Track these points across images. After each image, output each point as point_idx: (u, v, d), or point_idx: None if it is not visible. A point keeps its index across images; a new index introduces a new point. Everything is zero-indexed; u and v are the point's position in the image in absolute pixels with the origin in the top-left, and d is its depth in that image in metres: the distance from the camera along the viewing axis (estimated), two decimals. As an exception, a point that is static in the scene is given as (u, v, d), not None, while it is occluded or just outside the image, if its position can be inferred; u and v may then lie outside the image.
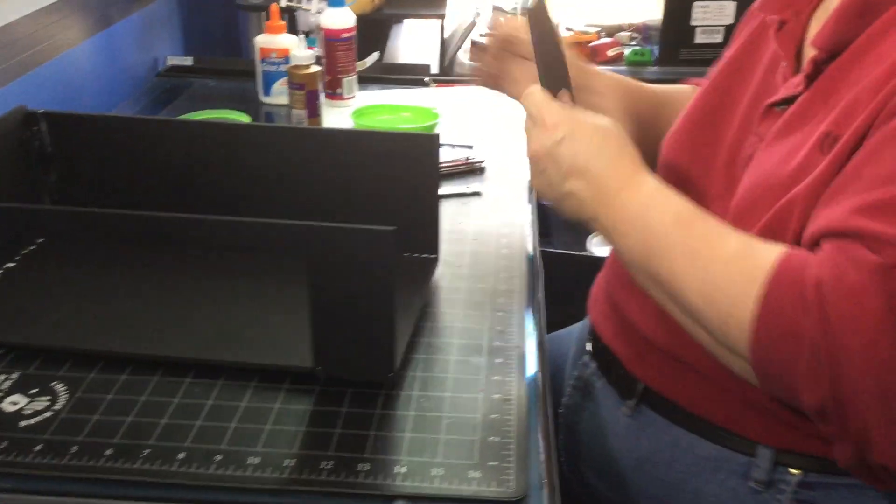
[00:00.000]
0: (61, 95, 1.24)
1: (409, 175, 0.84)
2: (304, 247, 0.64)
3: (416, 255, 0.88)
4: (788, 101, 0.73)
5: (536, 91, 0.77)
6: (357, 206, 0.86)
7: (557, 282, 1.92)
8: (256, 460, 0.62)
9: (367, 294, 0.65)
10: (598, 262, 0.98)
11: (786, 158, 0.70)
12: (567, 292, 1.55)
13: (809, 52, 0.75)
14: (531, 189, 1.10)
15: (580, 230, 2.06)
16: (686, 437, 0.79)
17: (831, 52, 0.69)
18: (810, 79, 0.71)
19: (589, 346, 0.92)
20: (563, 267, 1.95)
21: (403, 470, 0.61)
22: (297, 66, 1.17)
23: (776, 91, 0.76)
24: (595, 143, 0.73)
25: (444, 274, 0.88)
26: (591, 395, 0.89)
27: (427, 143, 0.83)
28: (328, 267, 0.64)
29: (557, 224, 2.30)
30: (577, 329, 1.03)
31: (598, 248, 1.95)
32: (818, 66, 0.70)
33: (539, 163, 0.74)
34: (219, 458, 0.62)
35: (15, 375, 0.70)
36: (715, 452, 0.77)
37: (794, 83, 0.73)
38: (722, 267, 0.64)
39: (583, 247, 2.00)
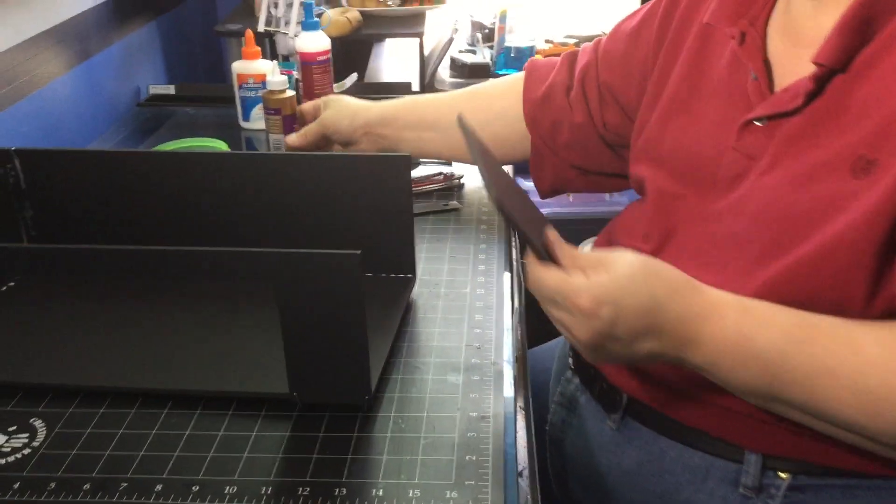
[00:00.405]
0: (42, 130, 1.25)
1: (382, 196, 0.85)
2: (272, 274, 0.64)
3: (393, 274, 0.88)
4: (776, 116, 0.72)
5: (542, 273, 0.67)
6: (332, 229, 0.87)
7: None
8: (233, 489, 0.62)
9: (338, 318, 0.66)
10: None
11: (802, 183, 0.68)
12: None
13: (782, 65, 0.74)
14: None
15: (574, 239, 2.07)
16: (673, 448, 0.79)
17: (835, 68, 0.68)
18: (812, 95, 0.69)
19: (571, 362, 0.92)
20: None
21: (381, 493, 0.62)
22: (271, 91, 1.18)
23: (750, 105, 0.75)
24: (646, 298, 0.65)
25: (421, 293, 0.89)
26: (575, 411, 0.89)
27: (399, 164, 0.84)
28: (297, 293, 0.65)
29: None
30: (559, 344, 1.03)
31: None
32: (820, 82, 0.69)
33: (598, 348, 0.66)
34: (196, 488, 0.62)
35: (-7, 414, 0.70)
36: (703, 461, 0.77)
37: (785, 99, 0.71)
38: (875, 377, 0.62)
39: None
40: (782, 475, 0.74)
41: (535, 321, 1.26)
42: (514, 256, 1.03)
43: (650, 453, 0.80)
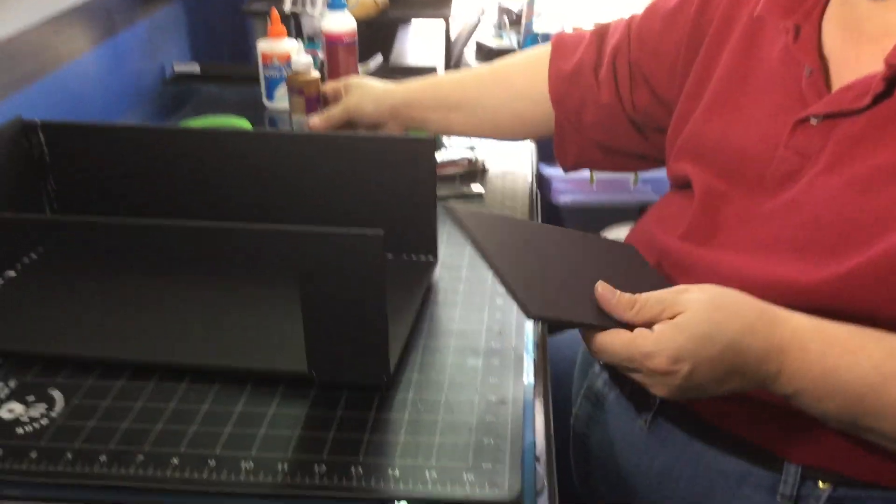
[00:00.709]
0: (67, 106, 1.25)
1: (406, 179, 0.84)
2: (294, 252, 0.64)
3: (415, 256, 0.88)
4: (835, 115, 0.69)
5: (604, 341, 0.64)
6: (355, 210, 0.86)
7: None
8: (250, 465, 0.62)
9: (358, 298, 0.65)
10: None
11: (864, 188, 0.66)
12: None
13: (840, 61, 0.71)
14: (531, 191, 1.10)
15: (594, 229, 2.06)
16: (708, 452, 0.76)
17: None
18: (880, 96, 0.66)
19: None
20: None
21: (397, 473, 0.61)
22: (296, 73, 1.17)
23: (804, 102, 0.72)
24: (722, 345, 0.61)
25: (442, 276, 0.88)
26: (603, 407, 0.88)
27: (425, 148, 0.83)
28: (318, 271, 0.64)
29: (571, 222, 2.29)
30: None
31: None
32: (891, 83, 0.66)
33: (679, 396, 0.64)
34: (212, 463, 0.62)
35: (12, 383, 0.70)
36: (739, 467, 0.75)
37: (849, 98, 0.68)
38: None
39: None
40: (822, 486, 0.71)
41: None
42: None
43: (682, 456, 0.78)
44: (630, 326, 0.64)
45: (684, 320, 0.62)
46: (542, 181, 2.07)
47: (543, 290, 0.66)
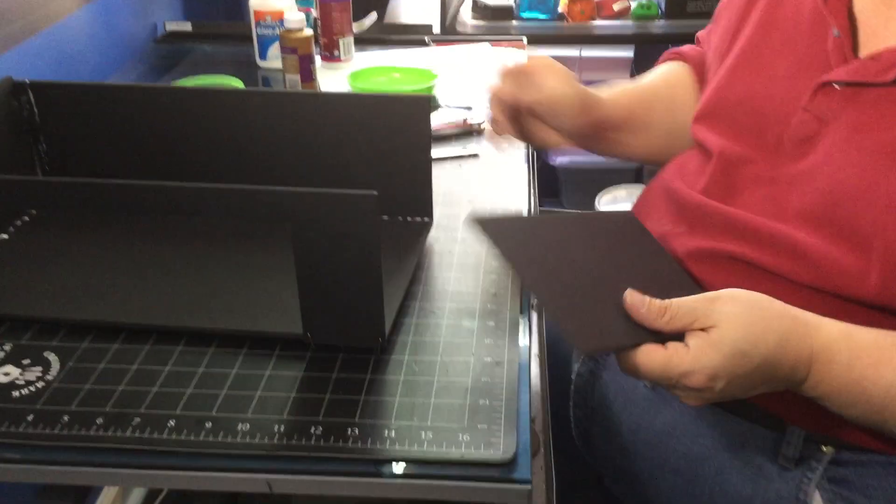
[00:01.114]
0: (57, 65, 1.23)
1: (400, 138, 0.83)
2: (287, 213, 0.63)
3: (410, 218, 0.87)
4: (858, 84, 0.67)
5: (639, 361, 0.63)
6: (349, 170, 0.86)
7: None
8: (246, 427, 0.62)
9: (353, 259, 0.65)
10: None
11: (884, 162, 0.65)
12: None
13: (870, 24, 0.69)
14: (528, 149, 1.09)
15: (591, 190, 2.05)
16: (712, 412, 0.77)
17: None
18: None
19: None
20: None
21: (393, 434, 0.61)
22: (288, 30, 1.15)
23: (828, 65, 0.70)
24: (759, 360, 0.62)
25: (438, 237, 0.87)
26: (604, 364, 0.88)
27: (419, 106, 0.82)
28: (312, 233, 0.64)
29: (568, 183, 2.29)
30: None
31: (606, 206, 1.94)
32: None
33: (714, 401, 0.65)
34: (209, 425, 0.62)
35: (7, 347, 0.70)
36: (742, 427, 0.75)
37: (874, 70, 0.67)
38: None
39: (592, 206, 1.99)
40: (825, 449, 0.72)
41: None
42: (532, 204, 1.02)
43: (686, 416, 0.79)
44: (661, 336, 0.64)
45: (720, 337, 0.62)
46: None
47: (583, 313, 0.66)
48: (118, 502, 1.07)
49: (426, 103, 0.81)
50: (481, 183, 1.00)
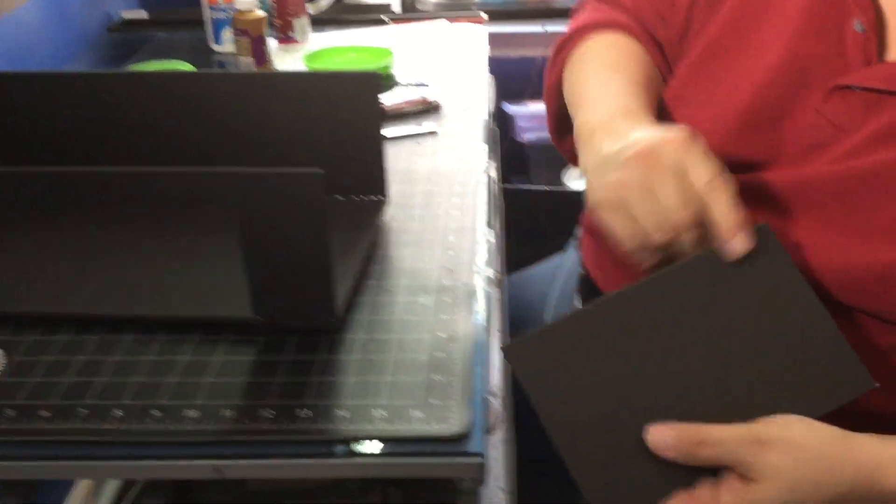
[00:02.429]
0: (8, 57, 1.21)
1: (350, 116, 0.82)
2: (233, 194, 0.62)
3: (364, 197, 0.86)
4: (885, 92, 0.59)
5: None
6: (298, 151, 0.84)
7: (536, 218, 1.91)
8: (195, 413, 0.61)
9: (300, 239, 0.63)
10: (576, 196, 0.95)
11: None
12: (545, 228, 1.54)
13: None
14: (487, 128, 1.08)
15: (559, 166, 2.04)
16: None
17: None
18: None
19: (578, 294, 0.88)
20: (542, 203, 1.93)
21: (346, 414, 0.60)
22: (240, 12, 1.13)
23: (846, 62, 0.61)
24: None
25: (394, 215, 0.86)
26: None
27: (367, 83, 0.81)
28: (258, 214, 0.62)
29: (536, 160, 2.27)
30: (557, 270, 1.00)
31: (574, 181, 1.93)
32: None
33: None
34: (157, 413, 0.61)
35: (-49, 342, 0.69)
36: None
37: None
38: None
39: (560, 182, 1.98)
40: None
41: (518, 244, 1.25)
42: (492, 178, 1.01)
43: None
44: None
45: (754, 500, 0.53)
46: (505, 119, 2.04)
47: (608, 461, 0.57)
48: (91, 496, 1.05)
49: (375, 80, 0.80)
50: (439, 160, 0.99)
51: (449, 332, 0.69)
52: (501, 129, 2.11)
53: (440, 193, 0.91)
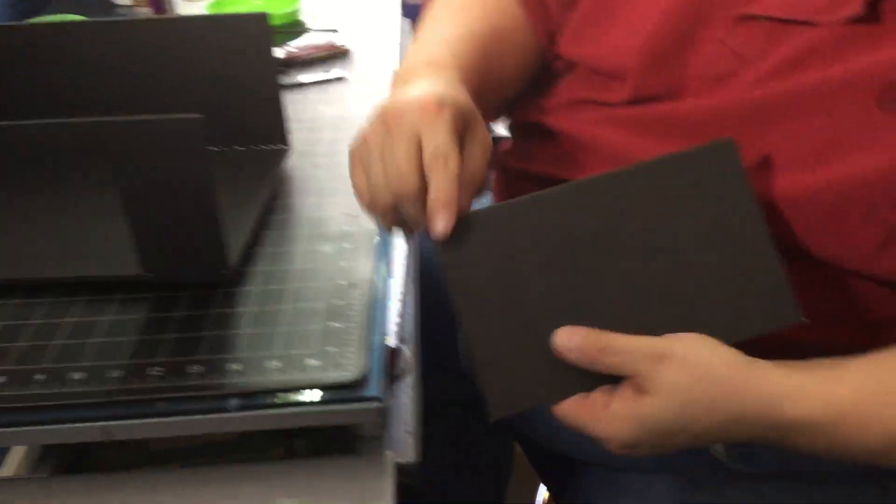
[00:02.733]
0: None
1: (243, 62, 0.78)
2: (105, 145, 0.59)
3: (264, 146, 0.83)
4: (796, 22, 0.58)
5: (561, 411, 0.55)
6: (191, 100, 0.80)
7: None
8: (81, 375, 0.58)
9: (184, 190, 0.61)
10: (495, 140, 0.92)
11: (807, 106, 0.57)
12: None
13: None
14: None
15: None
16: None
17: None
18: (855, 19, 0.56)
19: None
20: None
21: (238, 367, 0.59)
22: (133, -40, 1.08)
23: None
24: (683, 436, 0.54)
25: (299, 164, 0.84)
26: None
27: (258, 25, 0.77)
28: (136, 164, 0.59)
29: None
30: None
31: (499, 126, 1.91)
32: (874, 6, 0.55)
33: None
34: (41, 377, 0.58)
35: None
36: None
37: (813, 6, 0.57)
38: None
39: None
40: None
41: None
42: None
43: None
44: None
45: (645, 413, 0.53)
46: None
47: (512, 361, 0.55)
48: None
49: (264, 22, 0.77)
50: (347, 107, 0.96)
51: (349, 279, 0.67)
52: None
53: (346, 140, 0.87)
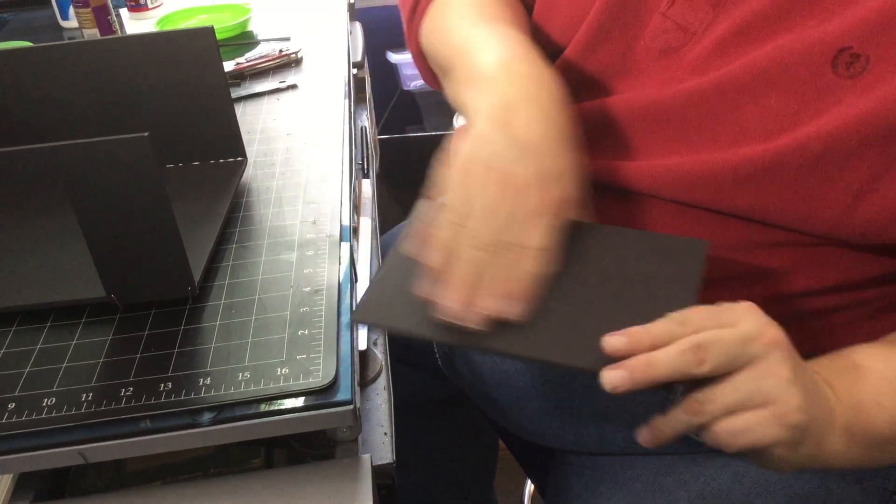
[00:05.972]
0: None
1: (192, 77, 0.79)
2: (57, 170, 0.59)
3: (222, 160, 0.83)
4: None
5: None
6: (146, 120, 0.81)
7: (426, 165, 1.89)
8: (52, 401, 0.59)
9: (140, 210, 0.61)
10: None
11: (763, 76, 0.56)
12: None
13: None
14: (348, 78, 1.06)
15: (451, 112, 2.03)
16: None
17: None
18: None
19: None
20: (429, 150, 1.92)
21: (209, 381, 0.59)
22: (76, -18, 1.08)
23: None
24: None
25: (256, 175, 0.84)
26: None
27: (203, 39, 0.78)
28: (89, 186, 0.60)
29: (427, 107, 2.26)
30: None
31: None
32: None
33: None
34: (12, 405, 0.58)
35: None
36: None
37: None
38: None
39: (452, 127, 1.98)
40: None
41: (409, 193, 1.24)
42: (364, 128, 0.99)
43: None
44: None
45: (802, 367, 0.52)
46: (390, 69, 2.01)
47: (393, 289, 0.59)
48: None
49: (209, 35, 0.77)
50: (300, 115, 0.96)
51: (313, 285, 0.68)
52: (389, 80, 2.09)
53: (300, 148, 0.89)
